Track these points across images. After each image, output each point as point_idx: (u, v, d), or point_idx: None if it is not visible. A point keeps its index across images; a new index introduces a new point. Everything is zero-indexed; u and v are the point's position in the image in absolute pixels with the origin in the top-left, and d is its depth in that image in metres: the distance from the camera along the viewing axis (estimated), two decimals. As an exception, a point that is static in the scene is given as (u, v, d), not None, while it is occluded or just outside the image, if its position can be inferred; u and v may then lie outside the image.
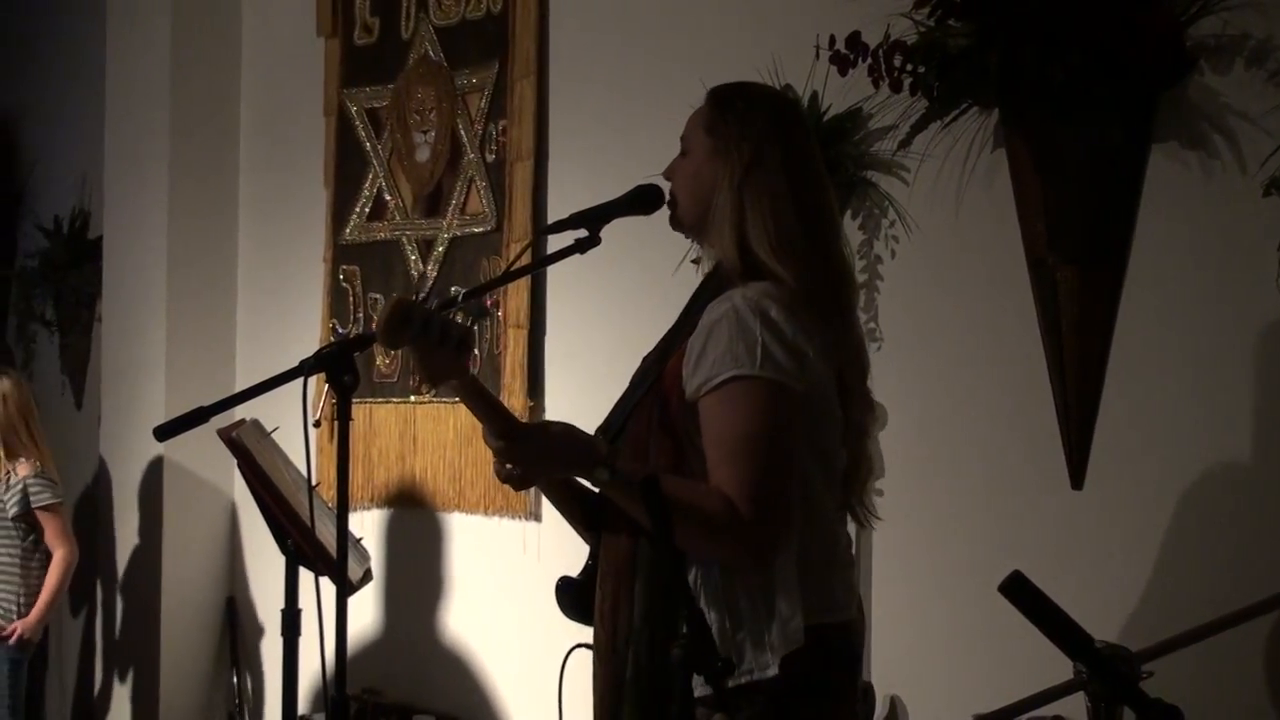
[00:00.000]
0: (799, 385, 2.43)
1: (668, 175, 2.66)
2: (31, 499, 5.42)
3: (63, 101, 6.89)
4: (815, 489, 2.51)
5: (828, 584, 2.51)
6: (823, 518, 2.53)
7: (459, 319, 2.38)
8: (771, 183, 2.53)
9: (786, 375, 2.41)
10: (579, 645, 2.61)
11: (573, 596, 2.61)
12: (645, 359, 2.69)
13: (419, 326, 2.36)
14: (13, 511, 5.42)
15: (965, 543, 3.41)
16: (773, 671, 2.41)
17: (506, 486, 4.51)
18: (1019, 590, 2.12)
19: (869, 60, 3.22)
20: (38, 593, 5.48)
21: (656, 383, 2.54)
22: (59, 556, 5.45)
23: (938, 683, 3.45)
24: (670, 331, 2.65)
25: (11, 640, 5.37)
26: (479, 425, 2.52)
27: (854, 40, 3.24)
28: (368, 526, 4.94)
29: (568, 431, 2.48)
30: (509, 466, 2.45)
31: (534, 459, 2.45)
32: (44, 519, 5.44)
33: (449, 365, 2.43)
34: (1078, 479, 3.19)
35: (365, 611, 4.98)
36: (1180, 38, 2.97)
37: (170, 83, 5.56)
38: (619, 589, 2.52)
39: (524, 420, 2.48)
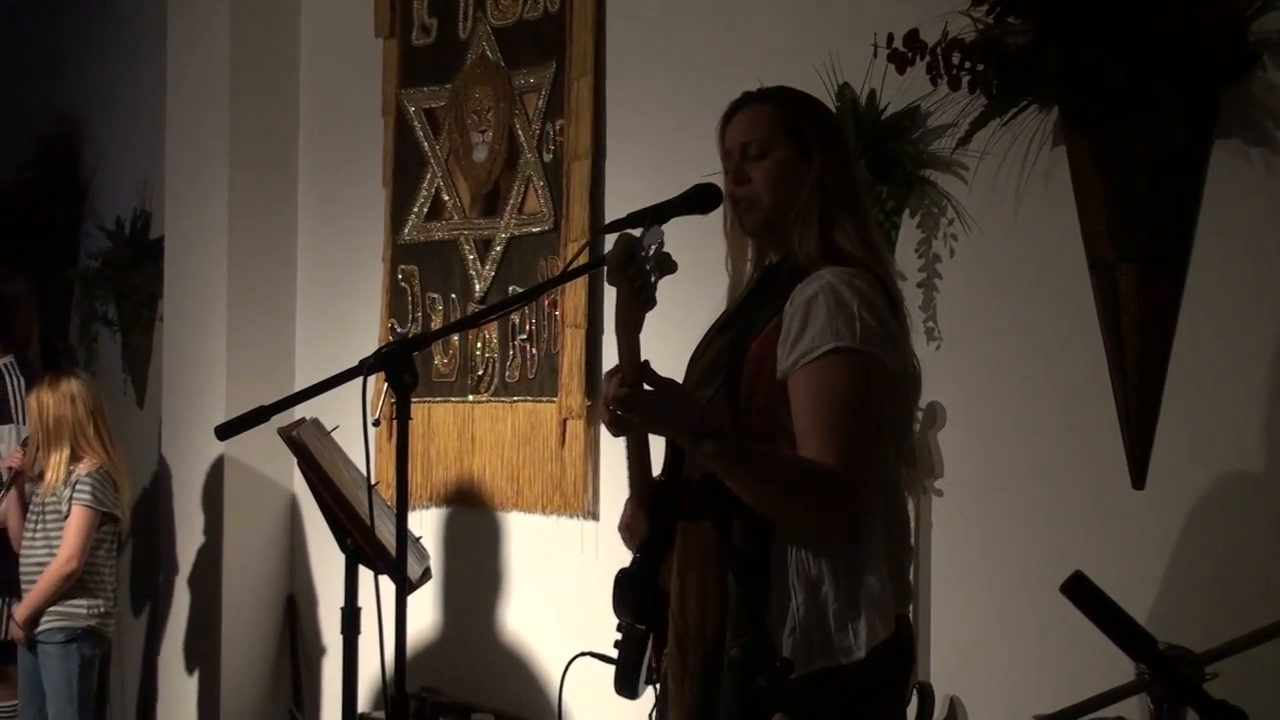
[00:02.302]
0: (891, 363, 2.49)
1: (741, 180, 2.66)
2: (75, 494, 5.23)
3: (124, 104, 6.95)
4: (893, 468, 2.57)
5: (906, 570, 2.59)
6: (900, 498, 2.59)
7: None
8: (852, 183, 2.66)
9: (882, 351, 2.48)
10: (583, 654, 2.64)
11: (624, 589, 2.60)
12: (702, 352, 2.71)
13: (637, 268, 2.45)
14: (67, 510, 5.23)
15: (1025, 543, 3.39)
16: (859, 655, 2.43)
17: (564, 485, 4.52)
18: (1080, 590, 2.11)
19: (927, 58, 3.21)
20: (110, 599, 5.33)
21: (735, 371, 2.56)
22: (60, 559, 5.19)
23: (997, 683, 3.43)
24: (739, 322, 2.66)
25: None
26: (538, 424, 2.56)
27: (912, 38, 3.23)
28: (426, 525, 4.97)
29: (686, 394, 2.52)
30: (620, 411, 2.46)
31: (652, 412, 2.47)
32: (73, 515, 5.21)
33: (638, 316, 2.49)
34: (1139, 478, 3.17)
35: (424, 610, 5.00)
36: (1243, 33, 2.95)
37: (230, 84, 5.61)
38: (705, 575, 2.53)
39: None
